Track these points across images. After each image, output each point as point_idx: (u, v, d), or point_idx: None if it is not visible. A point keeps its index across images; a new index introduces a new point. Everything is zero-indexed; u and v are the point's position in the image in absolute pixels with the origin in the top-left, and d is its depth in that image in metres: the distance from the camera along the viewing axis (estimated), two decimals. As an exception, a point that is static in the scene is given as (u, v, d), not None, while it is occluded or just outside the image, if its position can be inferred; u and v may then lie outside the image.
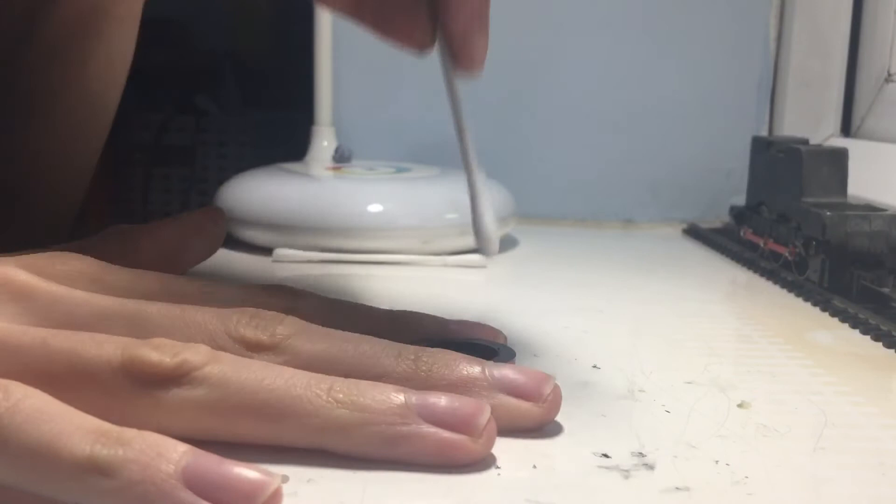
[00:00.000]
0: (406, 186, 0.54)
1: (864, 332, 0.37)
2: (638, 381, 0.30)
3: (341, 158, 0.61)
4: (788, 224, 0.48)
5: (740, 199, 0.59)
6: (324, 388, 0.22)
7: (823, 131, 0.67)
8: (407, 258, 0.50)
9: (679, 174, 0.69)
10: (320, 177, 0.57)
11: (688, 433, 0.25)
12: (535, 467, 0.23)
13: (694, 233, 0.63)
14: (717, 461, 0.23)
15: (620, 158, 0.69)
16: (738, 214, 0.57)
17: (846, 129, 0.67)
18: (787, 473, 0.23)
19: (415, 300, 0.42)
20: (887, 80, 0.63)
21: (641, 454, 0.24)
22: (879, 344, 0.36)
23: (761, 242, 0.51)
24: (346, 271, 0.48)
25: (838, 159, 0.47)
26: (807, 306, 0.42)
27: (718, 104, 0.69)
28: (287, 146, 0.65)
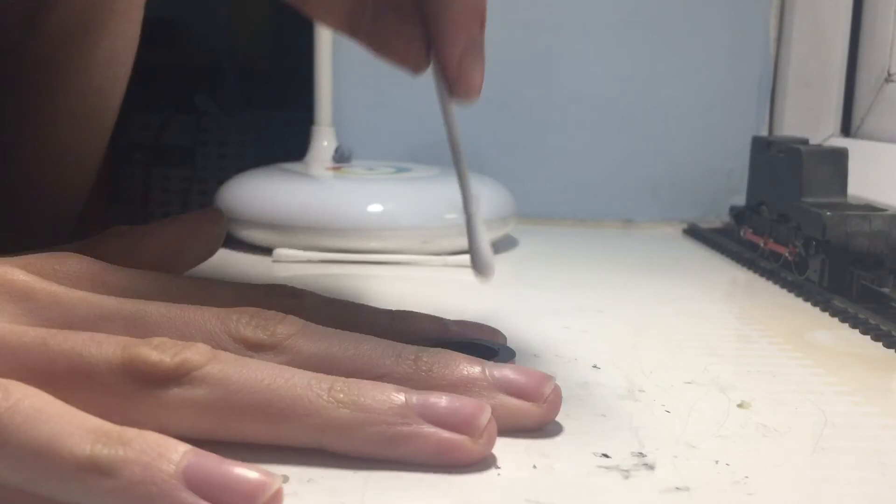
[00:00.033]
0: (406, 186, 0.54)
1: (864, 332, 0.37)
2: (638, 381, 0.30)
3: (341, 158, 0.61)
4: (788, 224, 0.48)
5: (740, 199, 0.59)
6: (324, 388, 0.22)
7: (823, 131, 0.67)
8: (407, 258, 0.50)
9: (679, 174, 0.69)
10: (320, 177, 0.57)
11: (688, 433, 0.25)
12: (535, 467, 0.23)
13: (694, 233, 0.63)
14: (717, 461, 0.23)
15: (620, 158, 0.69)
16: (738, 214, 0.57)
17: (846, 129, 0.67)
18: (787, 473, 0.23)
19: (415, 300, 0.42)
20: (887, 80, 0.63)
21: (641, 454, 0.24)
22: (879, 344, 0.36)
23: (761, 242, 0.51)
24: (346, 271, 0.48)
25: (838, 159, 0.47)
26: (807, 306, 0.42)
27: (718, 104, 0.69)
28: (287, 146, 0.65)
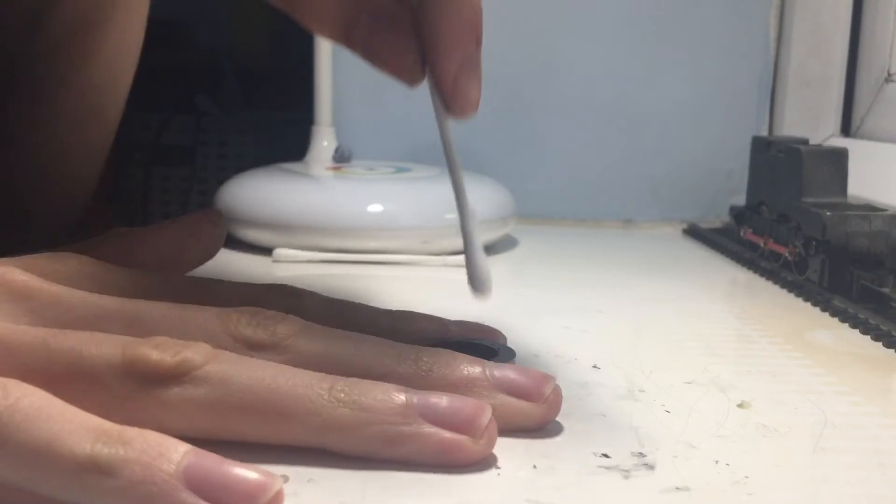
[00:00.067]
0: (406, 186, 0.54)
1: (864, 332, 0.37)
2: (638, 381, 0.30)
3: (341, 158, 0.61)
4: (788, 224, 0.48)
5: (740, 199, 0.59)
6: (325, 388, 0.22)
7: (823, 131, 0.67)
8: (407, 258, 0.50)
9: (679, 174, 0.69)
10: (320, 177, 0.57)
11: (688, 433, 0.25)
12: (535, 467, 0.23)
13: (694, 233, 0.63)
14: (717, 461, 0.23)
15: (620, 158, 0.69)
16: (738, 214, 0.57)
17: (846, 129, 0.67)
18: (787, 473, 0.23)
19: (415, 300, 0.42)
20: (887, 80, 0.63)
21: (641, 454, 0.24)
22: (879, 344, 0.36)
23: (761, 242, 0.51)
24: (346, 271, 0.48)
25: (838, 159, 0.47)
26: (807, 306, 0.42)
27: (718, 104, 0.69)
28: (287, 146, 0.65)
